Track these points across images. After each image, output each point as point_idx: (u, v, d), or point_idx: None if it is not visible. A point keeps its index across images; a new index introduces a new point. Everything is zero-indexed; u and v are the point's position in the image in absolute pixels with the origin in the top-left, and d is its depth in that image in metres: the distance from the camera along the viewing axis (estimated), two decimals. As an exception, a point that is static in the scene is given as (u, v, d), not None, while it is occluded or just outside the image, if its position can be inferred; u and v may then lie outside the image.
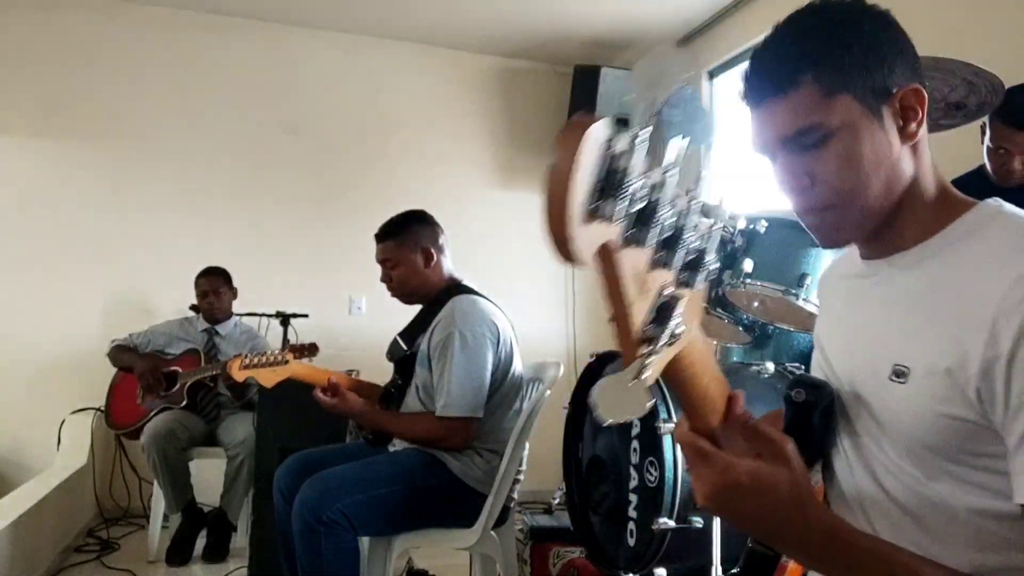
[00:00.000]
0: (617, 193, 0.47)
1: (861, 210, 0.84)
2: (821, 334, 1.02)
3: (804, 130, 0.82)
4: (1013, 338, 0.71)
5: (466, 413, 2.04)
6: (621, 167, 0.47)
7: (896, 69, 0.83)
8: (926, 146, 0.86)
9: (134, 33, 4.04)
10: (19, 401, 3.76)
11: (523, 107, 4.67)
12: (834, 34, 0.82)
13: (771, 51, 0.85)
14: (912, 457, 0.82)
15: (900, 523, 0.83)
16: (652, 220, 0.51)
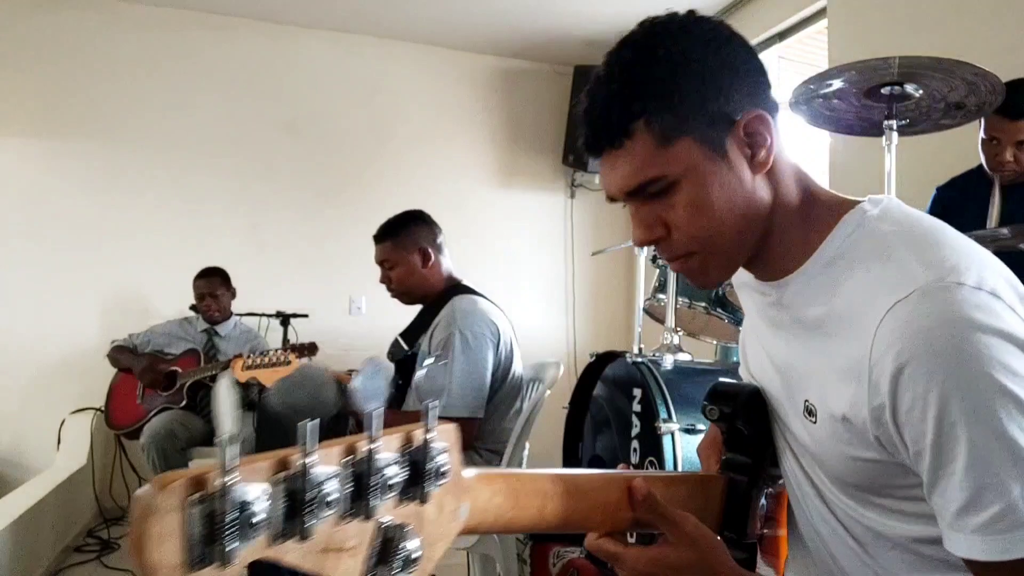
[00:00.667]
0: (220, 537, 0.46)
1: (722, 251, 0.79)
2: (745, 340, 0.98)
3: (646, 183, 0.77)
4: (889, 387, 0.68)
5: (467, 413, 2.04)
6: (216, 510, 0.46)
7: (733, 95, 0.76)
8: (784, 163, 0.81)
9: (134, 33, 4.04)
10: (19, 401, 3.76)
11: (523, 107, 4.67)
12: (661, 72, 0.75)
13: (598, 99, 0.78)
14: (843, 489, 0.80)
15: (850, 546, 0.81)
16: (303, 510, 0.50)
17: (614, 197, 0.82)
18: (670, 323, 2.10)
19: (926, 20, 2.74)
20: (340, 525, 0.53)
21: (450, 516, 0.63)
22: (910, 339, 0.67)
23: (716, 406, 0.89)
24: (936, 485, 0.68)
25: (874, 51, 1.87)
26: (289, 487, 0.50)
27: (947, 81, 1.83)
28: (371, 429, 0.54)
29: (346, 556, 0.53)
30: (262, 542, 0.48)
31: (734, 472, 0.88)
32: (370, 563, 0.55)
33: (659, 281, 2.36)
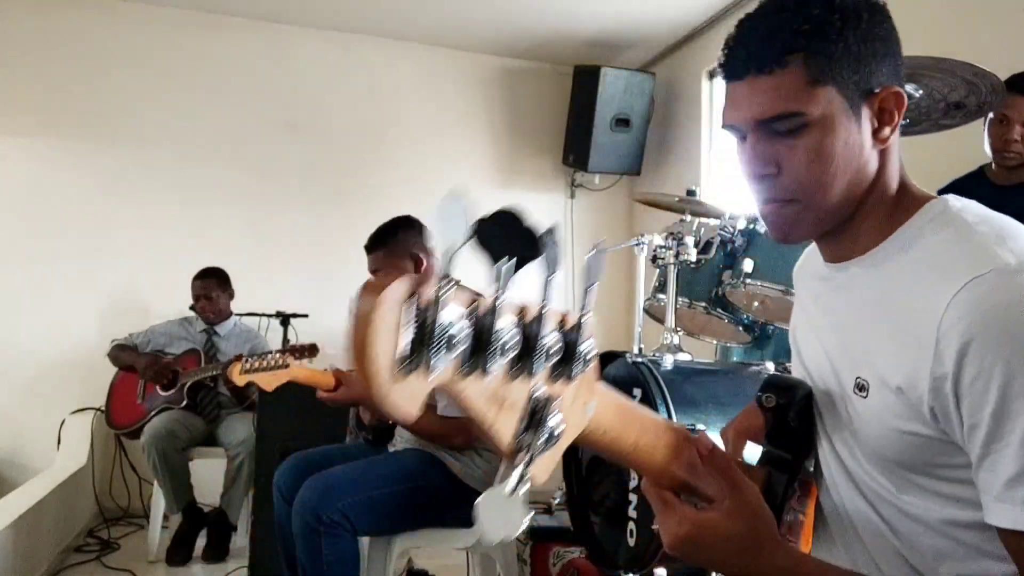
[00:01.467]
0: (427, 345, 0.48)
1: (821, 207, 0.81)
2: (796, 332, 1.00)
3: (783, 115, 0.78)
4: (956, 357, 0.70)
5: None
6: (429, 319, 0.48)
7: (883, 68, 0.80)
8: (895, 150, 0.84)
9: (134, 33, 4.04)
10: (19, 401, 3.76)
11: (523, 107, 4.67)
12: (833, 19, 0.77)
13: (763, 23, 0.79)
14: (881, 469, 0.81)
15: (882, 532, 0.83)
16: (488, 348, 0.52)
17: (738, 124, 0.82)
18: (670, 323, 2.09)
19: (926, 20, 2.74)
20: (507, 378, 0.54)
21: (581, 409, 0.64)
22: (983, 314, 0.69)
23: (774, 395, 0.90)
24: (987, 458, 0.70)
25: (874, 51, 1.87)
26: (479, 323, 0.52)
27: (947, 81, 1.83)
28: (545, 293, 0.55)
29: (504, 412, 0.55)
30: (452, 367, 0.51)
31: (774, 466, 0.89)
32: (520, 426, 0.56)
33: (659, 281, 2.36)
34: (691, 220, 2.15)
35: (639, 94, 4.28)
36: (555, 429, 0.58)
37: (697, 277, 2.22)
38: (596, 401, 0.66)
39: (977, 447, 0.70)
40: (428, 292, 0.49)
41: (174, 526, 3.25)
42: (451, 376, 0.51)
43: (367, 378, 0.46)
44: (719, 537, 0.71)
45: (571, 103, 4.52)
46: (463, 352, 0.51)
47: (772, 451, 0.90)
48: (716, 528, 0.71)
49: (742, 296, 2.13)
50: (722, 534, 0.71)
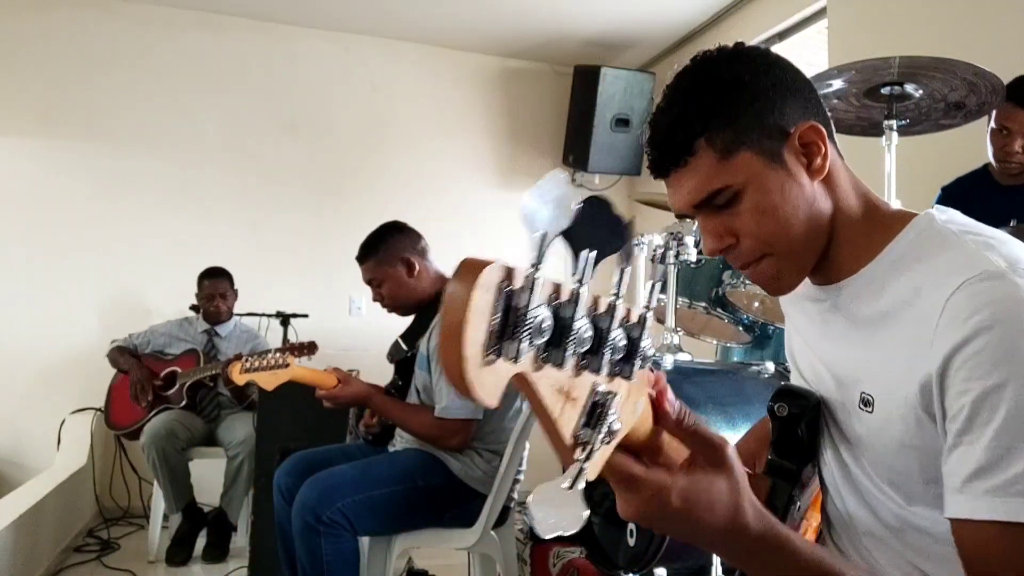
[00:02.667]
0: (516, 332, 0.48)
1: (793, 253, 0.84)
2: (794, 352, 1.02)
3: (712, 195, 0.82)
4: (949, 353, 0.72)
5: (465, 415, 2.04)
6: (518, 305, 0.48)
7: (786, 110, 0.83)
8: (841, 172, 0.86)
9: (134, 32, 4.04)
10: (19, 401, 3.76)
11: (523, 107, 4.67)
12: (719, 93, 0.82)
13: (662, 122, 0.84)
14: (891, 482, 0.82)
15: (888, 542, 0.83)
16: (565, 340, 0.52)
17: (683, 213, 0.88)
18: (670, 323, 2.09)
19: (926, 20, 2.74)
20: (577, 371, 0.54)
21: (632, 407, 0.62)
22: (975, 313, 0.71)
23: (787, 404, 0.91)
24: (958, 447, 0.71)
25: (874, 51, 1.87)
26: (560, 313, 0.51)
27: (947, 81, 1.83)
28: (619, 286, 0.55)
29: (570, 405, 0.55)
30: (533, 356, 0.50)
31: (778, 477, 0.91)
32: (580, 421, 0.56)
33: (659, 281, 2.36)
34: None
35: (639, 94, 4.28)
36: (613, 425, 0.57)
37: (697, 277, 2.22)
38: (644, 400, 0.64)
39: (949, 437, 0.72)
40: (520, 277, 0.48)
41: (174, 526, 3.25)
42: (530, 366, 0.50)
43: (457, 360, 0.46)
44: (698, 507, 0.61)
45: (571, 103, 4.51)
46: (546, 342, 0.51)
47: (777, 461, 0.91)
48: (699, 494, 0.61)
49: (742, 296, 2.13)
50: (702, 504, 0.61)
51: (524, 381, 0.51)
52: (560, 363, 0.52)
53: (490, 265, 0.46)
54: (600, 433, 0.56)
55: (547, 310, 0.50)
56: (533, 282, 0.48)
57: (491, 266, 0.46)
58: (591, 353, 0.55)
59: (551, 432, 0.55)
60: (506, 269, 0.48)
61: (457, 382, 0.47)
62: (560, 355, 0.52)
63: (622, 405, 0.59)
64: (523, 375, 0.50)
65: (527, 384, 0.51)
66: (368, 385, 2.18)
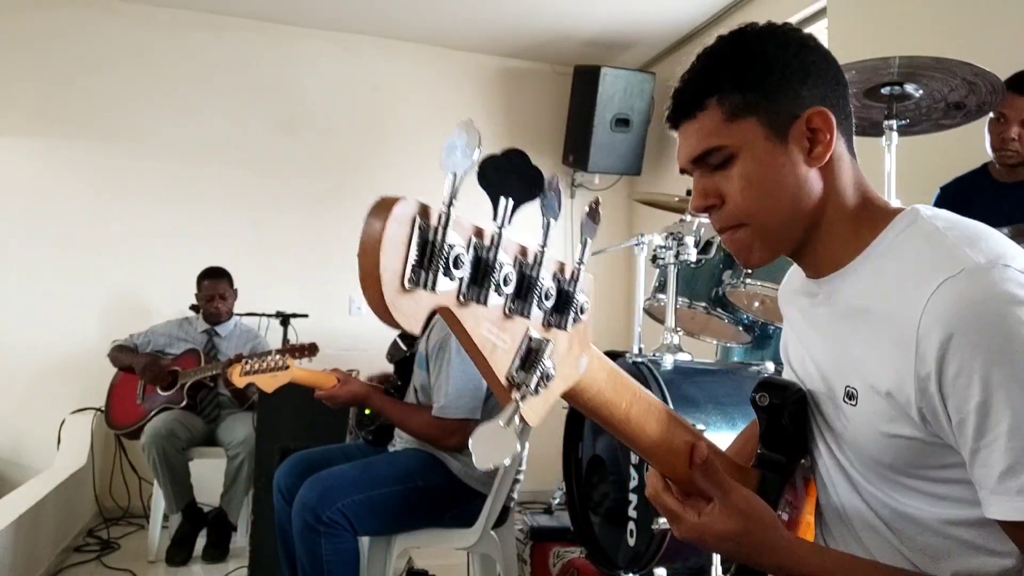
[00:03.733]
0: (432, 264, 0.51)
1: (769, 228, 0.86)
2: (787, 347, 1.03)
3: (709, 151, 0.85)
4: (936, 356, 0.72)
5: (463, 415, 2.04)
6: (433, 239, 0.51)
7: (803, 93, 0.84)
8: (846, 164, 0.87)
9: (134, 33, 4.04)
10: (19, 401, 3.76)
11: (523, 107, 4.67)
12: (741, 60, 0.85)
13: (686, 77, 0.88)
14: (876, 474, 0.84)
15: (883, 533, 0.85)
16: (488, 279, 0.55)
17: (683, 167, 0.91)
18: (670, 323, 2.09)
19: (926, 20, 2.74)
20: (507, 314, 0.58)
21: (574, 361, 0.67)
22: (958, 311, 0.72)
23: (768, 394, 0.92)
24: (979, 453, 0.72)
25: (874, 51, 1.87)
26: (480, 254, 0.55)
27: (947, 81, 1.83)
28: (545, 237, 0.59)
29: (500, 349, 0.58)
30: (453, 291, 0.53)
31: (767, 469, 0.92)
32: (514, 364, 0.60)
33: (659, 281, 2.36)
34: (691, 220, 2.15)
35: (639, 94, 4.28)
36: (548, 371, 0.61)
37: (697, 277, 2.22)
38: (588, 358, 0.69)
39: (968, 443, 0.73)
40: (435, 213, 0.51)
41: (174, 526, 3.25)
42: (452, 300, 0.53)
43: (375, 285, 0.48)
44: (718, 537, 0.79)
45: (571, 103, 4.52)
46: (465, 279, 0.53)
47: (766, 454, 0.92)
48: (712, 529, 0.79)
49: (742, 296, 2.13)
50: (719, 534, 0.79)
51: (451, 316, 0.54)
52: (484, 300, 0.55)
53: (402, 200, 0.49)
54: (534, 376, 0.60)
55: (465, 248, 0.53)
56: (447, 218, 0.51)
57: (404, 200, 0.50)
58: (519, 298, 0.58)
59: (484, 369, 0.59)
60: (420, 205, 0.51)
61: (377, 308, 0.49)
62: (483, 293, 0.55)
63: (563, 356, 0.64)
64: (447, 309, 0.53)
65: (454, 320, 0.54)
66: (367, 385, 2.18)
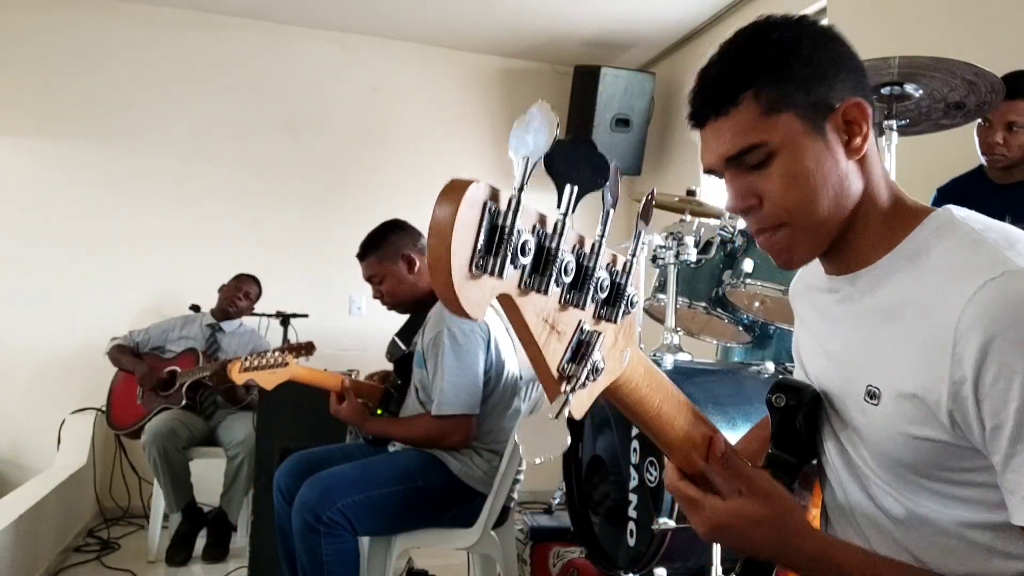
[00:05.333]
0: (500, 249, 0.50)
1: (812, 227, 0.83)
2: (799, 345, 1.01)
3: (747, 149, 0.81)
4: (975, 359, 0.71)
5: (462, 410, 2.04)
6: (503, 224, 0.50)
7: (837, 85, 0.82)
8: (876, 159, 0.86)
9: (134, 32, 4.04)
10: (19, 401, 3.76)
11: (523, 107, 4.50)
12: (773, 52, 0.81)
13: (712, 71, 0.84)
14: (892, 474, 0.82)
15: (890, 532, 0.83)
16: (548, 268, 0.54)
17: (713, 167, 0.86)
18: (670, 323, 2.09)
19: (926, 20, 2.74)
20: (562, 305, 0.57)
21: (618, 354, 0.66)
22: (1000, 314, 0.70)
23: (784, 395, 0.92)
24: (1013, 458, 0.70)
25: (874, 51, 1.87)
26: (543, 242, 0.54)
27: (947, 81, 1.83)
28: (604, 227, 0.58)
29: (555, 337, 0.57)
30: (515, 278, 0.52)
31: (777, 470, 0.91)
32: (566, 355, 0.59)
33: (659, 281, 2.36)
34: (691, 220, 2.15)
35: (639, 94, 4.28)
36: (598, 363, 0.60)
37: (697, 277, 2.22)
38: (631, 352, 0.67)
39: (1002, 448, 0.71)
40: (505, 198, 0.50)
41: (174, 526, 3.25)
42: (514, 288, 0.52)
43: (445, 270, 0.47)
44: (748, 520, 0.77)
45: (571, 103, 4.51)
46: (527, 266, 0.52)
47: (777, 454, 0.92)
48: (742, 513, 0.77)
49: (742, 296, 2.13)
50: (750, 517, 0.77)
51: (511, 303, 0.53)
52: (544, 290, 0.54)
53: (475, 183, 0.49)
54: (585, 369, 0.59)
55: (531, 235, 0.52)
56: (517, 203, 0.50)
57: (476, 184, 0.49)
58: (576, 289, 0.58)
59: (537, 361, 0.58)
60: (491, 188, 0.50)
61: (445, 293, 0.48)
62: (544, 282, 0.54)
63: (609, 349, 0.63)
64: (510, 297, 0.53)
65: (514, 307, 0.54)
66: (363, 412, 2.19)
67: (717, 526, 0.78)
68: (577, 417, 0.60)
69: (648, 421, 0.76)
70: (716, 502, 0.78)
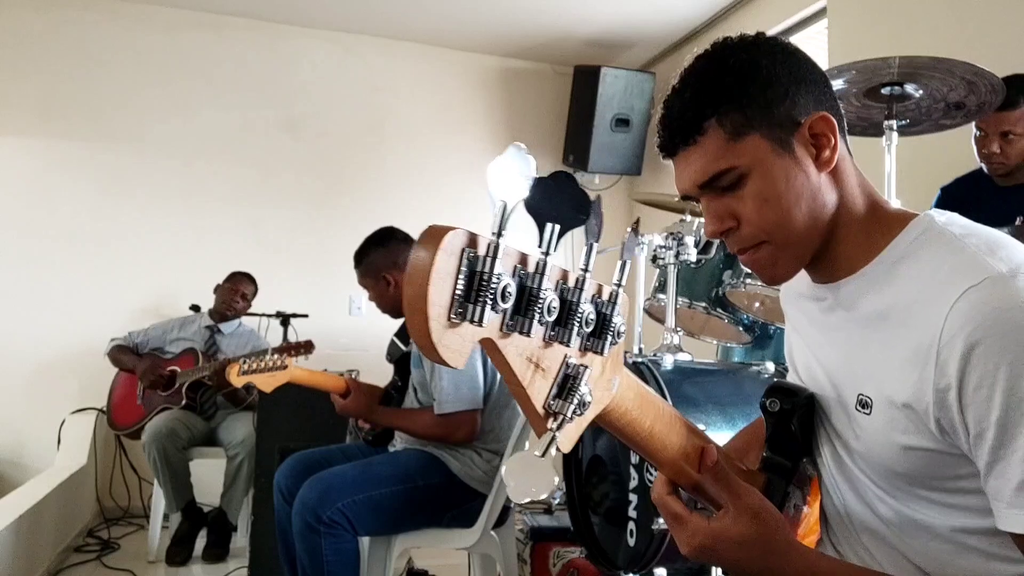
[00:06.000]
0: (480, 296, 0.49)
1: (791, 243, 0.83)
2: (792, 349, 1.02)
3: (717, 175, 0.82)
4: (958, 367, 0.71)
5: (464, 407, 2.04)
6: (482, 270, 0.49)
7: (800, 100, 0.82)
8: (849, 168, 0.86)
9: (134, 33, 4.04)
10: (19, 401, 3.76)
11: (523, 107, 4.67)
12: (732, 77, 0.82)
13: (676, 103, 0.85)
14: (886, 483, 0.82)
15: (886, 537, 0.83)
16: (531, 308, 0.53)
17: (687, 193, 0.88)
18: (670, 323, 2.09)
19: (926, 20, 2.74)
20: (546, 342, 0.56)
21: (606, 383, 0.65)
22: (981, 321, 0.70)
23: (778, 399, 0.91)
24: (996, 464, 0.70)
25: (874, 51, 1.87)
26: (525, 283, 0.53)
27: (947, 81, 1.83)
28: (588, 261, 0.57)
29: (539, 375, 0.57)
30: (497, 323, 0.51)
31: (772, 472, 0.91)
32: (552, 391, 0.58)
33: (659, 281, 2.36)
34: (691, 220, 2.15)
35: (639, 94, 4.28)
36: (584, 397, 0.59)
37: (697, 277, 2.21)
38: (620, 379, 0.67)
39: (985, 455, 0.71)
40: (483, 244, 0.49)
41: (174, 526, 3.25)
42: (496, 331, 0.52)
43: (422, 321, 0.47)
44: (731, 542, 0.76)
45: (571, 103, 4.51)
46: (509, 309, 0.52)
47: (772, 458, 0.92)
48: (725, 534, 0.76)
49: (742, 296, 2.13)
50: (733, 538, 0.75)
51: (493, 347, 0.53)
52: (527, 331, 0.53)
53: (453, 231, 0.48)
54: (571, 404, 0.58)
55: (511, 278, 0.51)
56: (496, 248, 0.49)
57: (454, 231, 0.48)
58: (560, 325, 0.56)
59: (522, 399, 0.57)
60: (469, 235, 0.49)
61: (423, 343, 0.48)
62: (527, 323, 0.53)
63: (596, 380, 0.62)
64: (491, 340, 0.52)
65: (496, 350, 0.53)
66: (369, 401, 2.19)
67: (699, 547, 0.77)
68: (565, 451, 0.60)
69: (639, 442, 0.76)
70: (700, 522, 0.77)
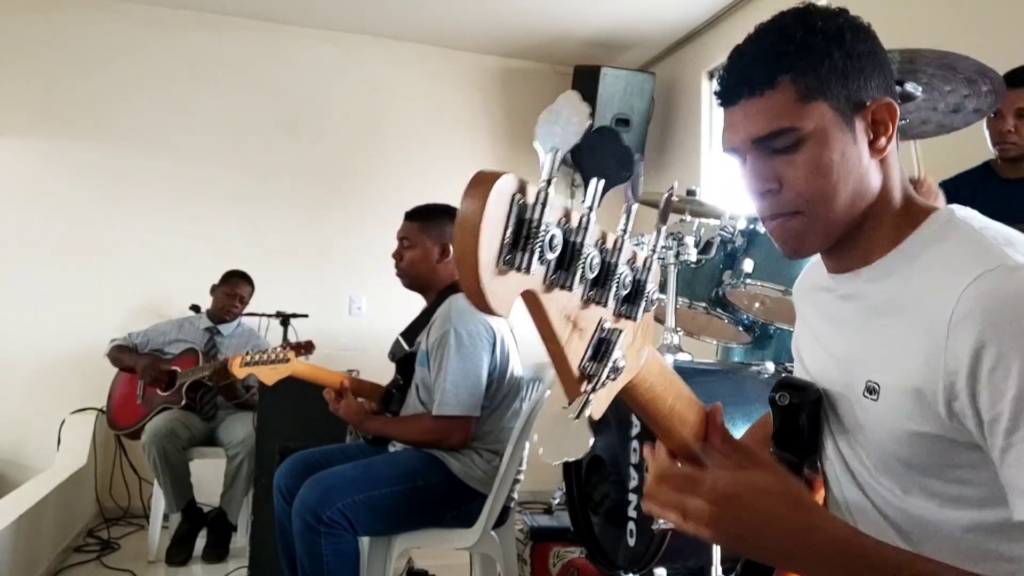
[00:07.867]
0: (528, 244, 0.48)
1: (827, 218, 0.83)
2: (799, 344, 1.01)
3: (777, 132, 0.81)
4: (970, 351, 0.70)
5: (462, 412, 2.04)
6: (531, 218, 0.48)
7: (871, 82, 0.82)
8: (895, 160, 0.86)
9: (133, 32, 4.04)
10: (19, 401, 3.76)
11: (523, 107, 4.67)
12: (816, 39, 0.81)
13: (751, 50, 0.84)
14: (887, 472, 0.82)
15: (885, 532, 0.83)
16: (574, 264, 0.52)
17: (736, 147, 0.85)
18: (670, 323, 2.09)
19: (926, 20, 2.74)
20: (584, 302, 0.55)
21: (636, 352, 0.64)
22: (995, 305, 0.70)
23: (788, 393, 0.91)
24: (1010, 451, 0.69)
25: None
26: (569, 237, 0.52)
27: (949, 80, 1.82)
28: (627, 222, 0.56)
29: (577, 336, 0.56)
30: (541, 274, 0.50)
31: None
32: (587, 354, 0.57)
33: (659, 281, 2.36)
34: (691, 220, 2.15)
35: (639, 94, 4.27)
36: (618, 362, 0.58)
37: (697, 277, 2.21)
38: (648, 350, 0.66)
39: (999, 440, 0.70)
40: (532, 192, 0.48)
41: (174, 526, 3.24)
42: (539, 284, 0.51)
43: (472, 266, 0.46)
44: (758, 491, 0.68)
45: (571, 103, 4.51)
46: (552, 262, 0.51)
47: (779, 453, 0.91)
48: (752, 481, 0.69)
49: (742, 296, 2.13)
50: (760, 487, 0.68)
51: (535, 301, 0.52)
52: (569, 286, 0.52)
53: (504, 175, 0.47)
54: (606, 367, 0.57)
55: (557, 229, 0.50)
56: (545, 197, 0.49)
57: (505, 176, 0.47)
58: (598, 285, 0.56)
59: (558, 359, 0.56)
60: (519, 181, 0.49)
61: (472, 289, 0.47)
62: (570, 279, 0.52)
63: (628, 347, 0.61)
64: (534, 294, 0.51)
65: (538, 304, 0.52)
66: (362, 411, 2.18)
67: (722, 498, 0.66)
68: (596, 417, 0.58)
69: (660, 420, 0.74)
70: (720, 472, 0.70)
